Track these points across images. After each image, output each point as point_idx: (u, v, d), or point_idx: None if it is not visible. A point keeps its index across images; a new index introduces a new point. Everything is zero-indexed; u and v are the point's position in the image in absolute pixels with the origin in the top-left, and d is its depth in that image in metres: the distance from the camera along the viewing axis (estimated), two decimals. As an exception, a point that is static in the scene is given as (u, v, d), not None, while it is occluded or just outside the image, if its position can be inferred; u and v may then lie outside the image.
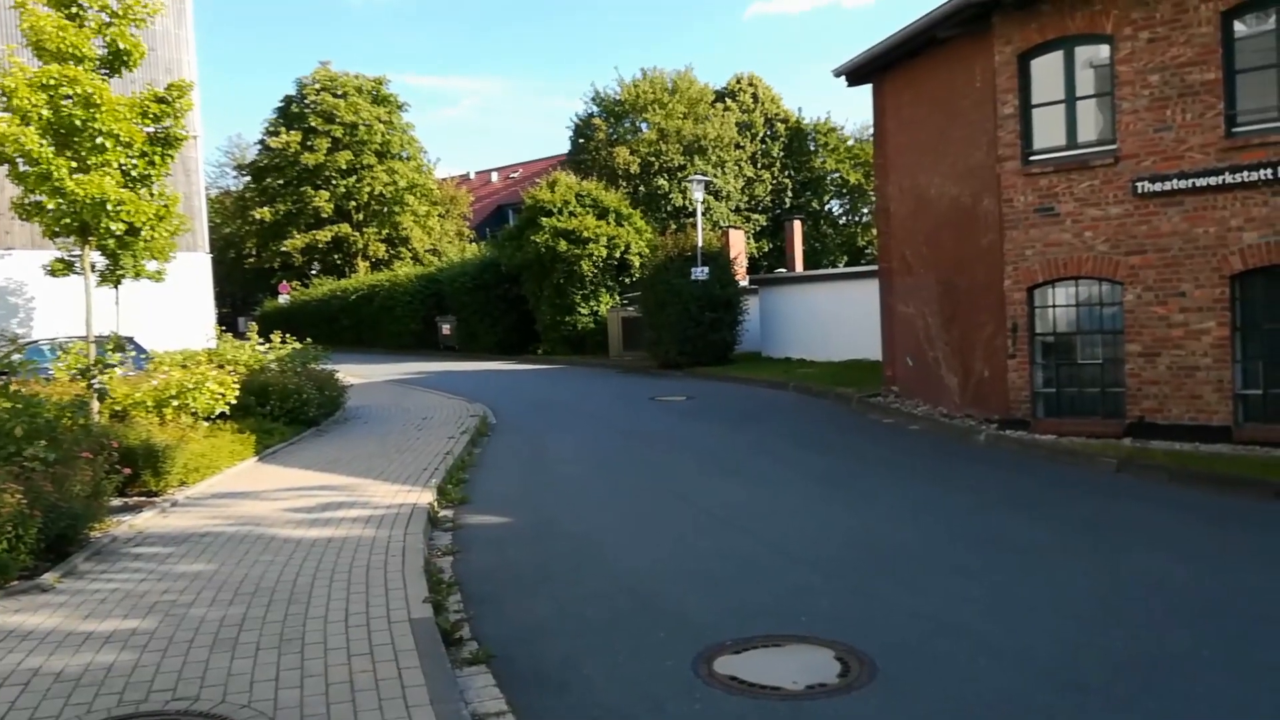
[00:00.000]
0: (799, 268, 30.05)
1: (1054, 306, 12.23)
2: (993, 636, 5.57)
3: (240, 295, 50.37)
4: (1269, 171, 10.40)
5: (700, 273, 23.51)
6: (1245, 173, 10.54)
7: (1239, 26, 10.77)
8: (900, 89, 15.33)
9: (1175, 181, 11.00)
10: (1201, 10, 10.77)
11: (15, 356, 12.39)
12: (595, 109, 40.40)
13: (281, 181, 44.07)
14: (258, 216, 44.03)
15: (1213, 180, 10.76)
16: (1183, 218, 11.03)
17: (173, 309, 20.13)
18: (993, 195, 12.63)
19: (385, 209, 45.07)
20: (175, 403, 11.70)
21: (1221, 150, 10.72)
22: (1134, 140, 11.30)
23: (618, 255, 28.76)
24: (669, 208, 37.59)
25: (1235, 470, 9.54)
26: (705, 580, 6.83)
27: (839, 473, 10.94)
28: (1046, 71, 12.15)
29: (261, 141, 46.12)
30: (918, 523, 8.40)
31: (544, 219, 28.68)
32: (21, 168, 11.32)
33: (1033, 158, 12.23)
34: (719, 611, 6.12)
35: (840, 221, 45.08)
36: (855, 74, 16.00)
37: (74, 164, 11.35)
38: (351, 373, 21.63)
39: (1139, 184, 11.25)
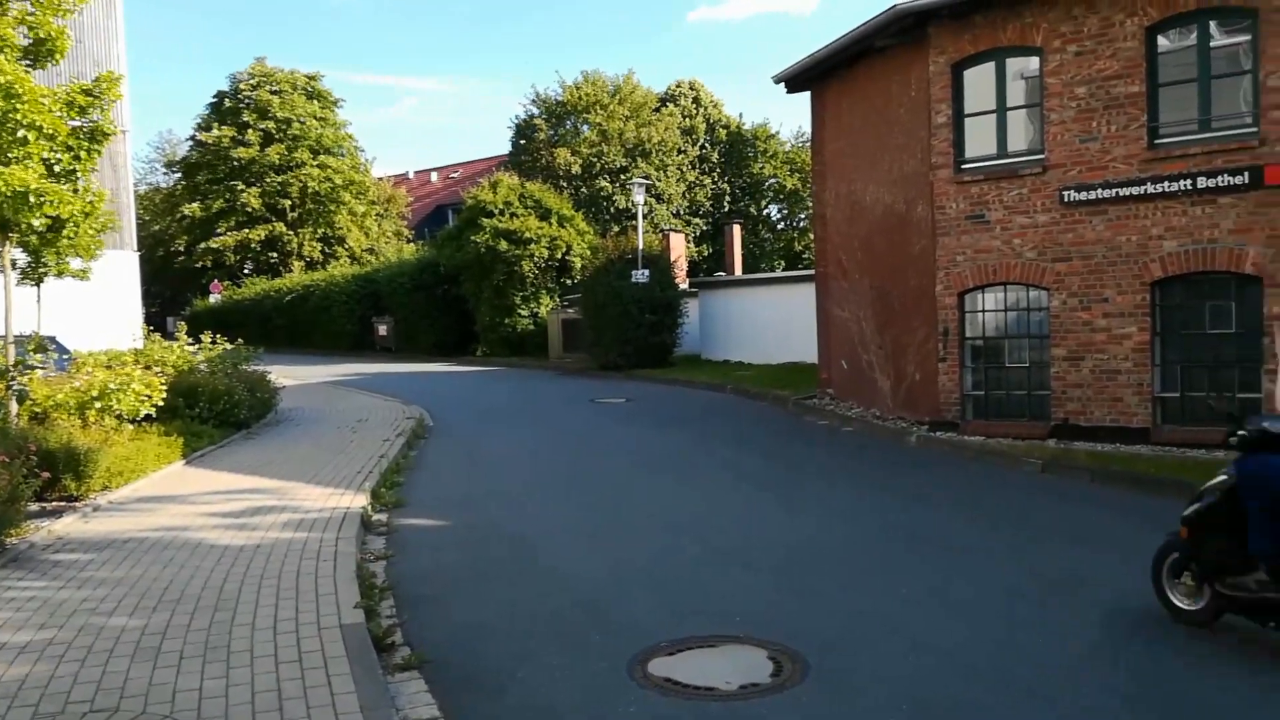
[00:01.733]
0: (738, 271, 30.33)
1: (983, 311, 12.52)
2: (923, 633, 5.67)
3: (169, 294, 48.92)
4: (1188, 182, 10.78)
5: (641, 275, 23.55)
6: (1166, 183, 10.91)
7: (1162, 41, 11.14)
8: (838, 96, 15.55)
9: (1100, 191, 11.34)
10: (1127, 25, 11.12)
11: (-72, 356, 11.88)
12: (536, 110, 40.25)
13: (212, 177, 43.01)
14: (187, 212, 42.88)
15: (1135, 190, 11.11)
16: (1106, 226, 11.37)
17: (98, 308, 19.57)
18: (926, 202, 12.88)
19: (320, 207, 44.21)
20: (99, 404, 11.35)
21: (1144, 161, 11.08)
22: (1061, 150, 11.62)
23: (559, 257, 28.68)
24: (611, 210, 37.61)
25: (1153, 470, 9.87)
26: (641, 581, 6.85)
27: (775, 474, 11.05)
28: (979, 82, 12.43)
29: (193, 137, 44.95)
30: (850, 522, 8.53)
31: (485, 219, 28.45)
32: (-62, 160, 10.90)
33: (965, 166, 12.51)
34: (654, 612, 6.14)
35: (778, 226, 45.55)
36: (794, 81, 16.19)
37: (-6, 157, 10.96)
38: (285, 374, 21.22)
39: (1065, 193, 11.57)
